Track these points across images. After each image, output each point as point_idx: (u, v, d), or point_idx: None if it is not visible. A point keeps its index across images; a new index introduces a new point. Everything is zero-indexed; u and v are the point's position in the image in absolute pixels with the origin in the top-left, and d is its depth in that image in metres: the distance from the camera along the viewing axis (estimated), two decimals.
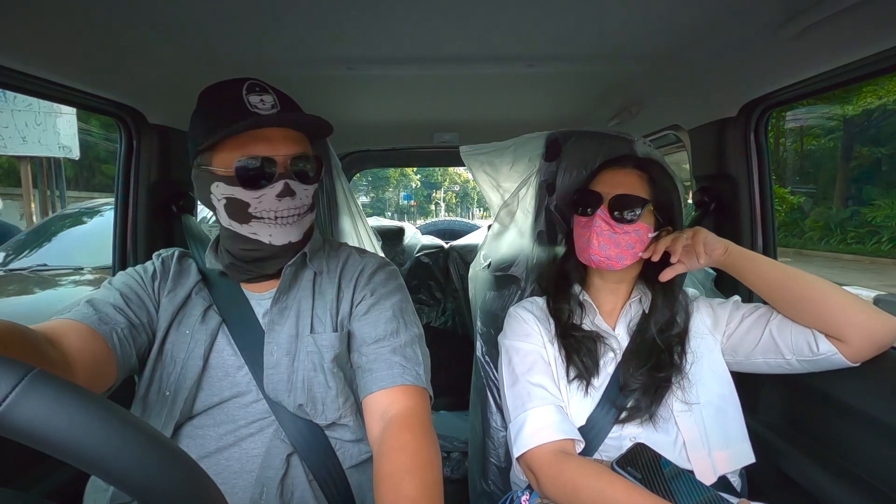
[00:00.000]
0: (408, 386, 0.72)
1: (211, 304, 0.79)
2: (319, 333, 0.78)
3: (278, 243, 0.74)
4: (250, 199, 0.71)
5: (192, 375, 0.74)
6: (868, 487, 0.80)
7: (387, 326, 0.77)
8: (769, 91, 1.04)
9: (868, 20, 0.74)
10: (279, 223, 0.73)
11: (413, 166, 17.79)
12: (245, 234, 0.74)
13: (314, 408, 0.75)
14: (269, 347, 0.76)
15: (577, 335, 0.89)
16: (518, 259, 1.13)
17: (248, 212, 0.72)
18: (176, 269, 0.83)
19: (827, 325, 0.78)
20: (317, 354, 0.76)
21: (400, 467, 0.63)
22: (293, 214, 0.74)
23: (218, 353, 0.77)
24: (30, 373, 0.30)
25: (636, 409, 0.83)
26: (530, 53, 1.04)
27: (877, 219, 10.18)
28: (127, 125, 1.12)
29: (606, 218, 0.85)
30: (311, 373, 0.75)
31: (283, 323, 0.78)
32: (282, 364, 0.75)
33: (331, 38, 0.95)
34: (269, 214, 0.72)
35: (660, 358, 0.85)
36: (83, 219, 3.36)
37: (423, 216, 38.95)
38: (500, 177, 1.16)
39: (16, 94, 4.80)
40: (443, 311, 2.36)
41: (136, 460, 0.31)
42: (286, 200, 0.72)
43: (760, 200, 1.16)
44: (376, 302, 0.79)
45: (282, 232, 0.73)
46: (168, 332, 0.77)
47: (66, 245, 3.05)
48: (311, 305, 0.79)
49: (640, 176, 0.88)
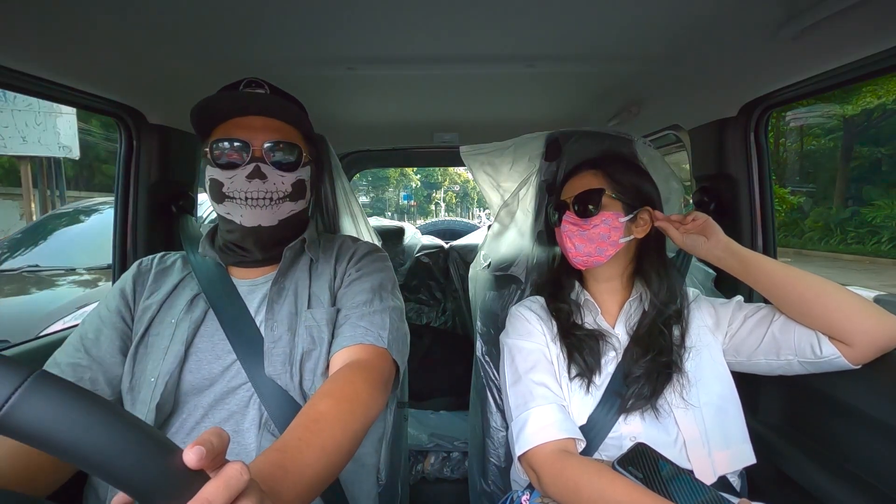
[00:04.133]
0: (367, 345, 0.75)
1: (199, 293, 0.82)
2: (316, 308, 0.81)
3: (248, 224, 0.78)
4: (224, 179, 0.76)
5: (176, 360, 0.75)
6: (868, 487, 0.80)
7: (362, 297, 0.81)
8: (769, 91, 1.04)
9: (868, 20, 0.74)
10: (249, 204, 0.77)
11: (413, 166, 17.81)
12: (222, 213, 0.79)
13: (312, 385, 0.77)
14: (269, 324, 0.78)
15: (579, 334, 0.89)
16: (518, 259, 1.13)
17: (222, 191, 0.77)
18: (158, 268, 0.87)
19: (832, 328, 0.77)
20: (315, 328, 0.79)
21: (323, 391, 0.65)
22: (264, 198, 0.77)
23: (207, 337, 0.78)
24: (32, 374, 0.30)
25: (639, 397, 0.83)
26: (530, 53, 1.04)
27: (877, 219, 10.18)
28: (127, 125, 1.12)
29: (573, 219, 0.89)
30: (309, 346, 0.77)
31: (282, 302, 0.81)
32: (283, 340, 0.77)
33: (331, 38, 0.95)
34: (240, 195, 0.76)
35: (660, 342, 0.86)
36: (79, 217, 3.33)
37: (423, 216, 38.93)
38: (500, 177, 1.16)
39: (16, 94, 4.80)
40: (443, 311, 2.37)
41: (137, 461, 0.31)
42: (256, 182, 0.76)
43: (760, 200, 1.15)
44: (358, 277, 0.85)
45: (252, 214, 0.77)
46: (151, 325, 0.79)
47: (61, 245, 3.02)
48: (308, 285, 0.83)
49: (595, 174, 0.92)
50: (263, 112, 0.79)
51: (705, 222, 0.89)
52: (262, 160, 0.76)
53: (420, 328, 2.32)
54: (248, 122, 0.77)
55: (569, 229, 0.90)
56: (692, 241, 0.89)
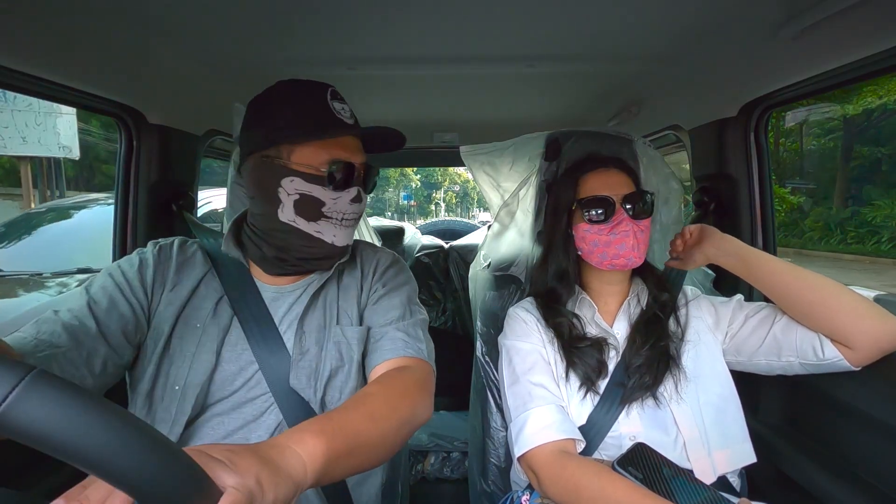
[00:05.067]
0: (410, 357, 0.75)
1: (222, 296, 0.78)
2: (346, 326, 0.80)
3: (340, 244, 0.77)
4: (327, 199, 0.74)
5: (205, 370, 0.72)
6: (868, 487, 0.80)
7: (395, 312, 0.81)
8: (769, 91, 1.04)
9: (868, 20, 0.74)
10: (344, 225, 0.77)
11: (413, 166, 17.80)
12: (309, 231, 0.75)
13: (339, 401, 0.76)
14: (298, 336, 0.77)
15: (581, 346, 0.88)
16: (518, 259, 1.13)
17: (321, 210, 0.74)
18: (179, 258, 0.80)
19: (834, 330, 0.77)
20: (345, 345, 0.78)
21: (372, 381, 0.69)
22: (354, 218, 0.79)
23: (231, 346, 0.76)
24: (30, 373, 0.30)
25: (641, 386, 0.83)
26: (530, 53, 1.04)
27: (877, 219, 10.18)
28: (127, 125, 1.12)
29: (629, 219, 0.87)
30: (337, 363, 0.77)
31: (313, 314, 0.80)
32: (311, 353, 0.76)
33: (331, 38, 0.95)
34: (339, 216, 0.76)
35: (658, 330, 0.87)
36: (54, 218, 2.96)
37: (423, 216, 38.92)
38: (500, 177, 1.16)
39: (16, 94, 4.80)
40: (443, 311, 2.36)
41: (136, 460, 0.31)
42: (355, 205, 0.77)
43: (760, 200, 1.15)
44: (387, 293, 0.83)
45: (344, 234, 0.77)
46: (175, 326, 0.75)
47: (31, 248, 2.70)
48: (336, 298, 0.82)
49: (623, 171, 0.91)
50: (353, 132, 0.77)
51: (700, 230, 0.90)
52: (360, 183, 0.77)
53: None
54: (346, 142, 0.75)
55: (628, 227, 0.86)
56: (690, 257, 0.91)
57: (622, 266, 0.88)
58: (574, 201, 0.91)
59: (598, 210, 0.88)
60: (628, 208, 0.87)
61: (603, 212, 0.87)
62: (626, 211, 0.86)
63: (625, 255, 0.86)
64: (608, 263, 0.88)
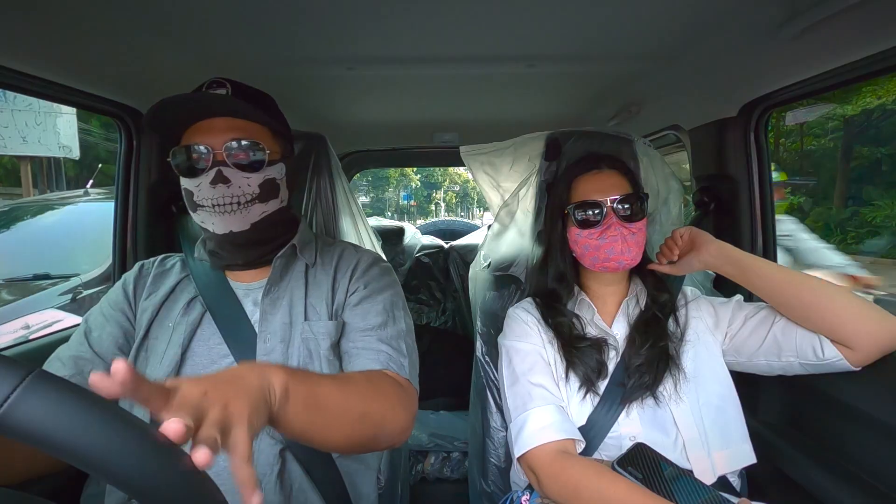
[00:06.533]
0: (393, 374, 0.74)
1: (196, 296, 0.81)
2: (314, 321, 0.79)
3: (220, 232, 0.75)
4: (192, 188, 0.73)
5: (171, 364, 0.74)
6: (868, 487, 0.80)
7: (376, 318, 0.79)
8: (769, 91, 1.04)
9: (868, 20, 0.74)
10: (217, 211, 0.73)
11: (413, 166, 17.79)
12: (198, 222, 0.77)
13: None
14: (262, 336, 0.77)
15: (581, 346, 0.88)
16: (518, 259, 1.13)
17: (194, 200, 0.74)
18: (157, 271, 0.86)
19: (832, 332, 0.77)
20: (313, 341, 0.77)
21: (356, 374, 0.69)
22: (231, 203, 0.73)
23: (203, 340, 0.78)
24: (31, 373, 0.30)
25: (641, 385, 0.83)
26: (530, 53, 1.04)
27: (877, 219, 10.18)
28: (127, 125, 1.12)
29: (618, 222, 0.86)
30: (306, 359, 0.76)
31: (276, 312, 0.79)
32: (276, 351, 0.76)
33: (331, 38, 0.95)
34: (208, 203, 0.73)
35: (657, 329, 0.87)
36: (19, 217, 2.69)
37: (423, 216, 38.90)
38: (500, 177, 1.16)
39: (16, 94, 4.80)
40: (443, 311, 2.36)
41: (137, 461, 0.31)
42: (220, 188, 0.71)
43: (760, 200, 1.15)
44: (369, 295, 0.81)
45: (221, 220, 0.74)
46: (150, 328, 0.79)
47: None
48: (304, 294, 0.81)
49: (615, 174, 0.90)
50: (223, 112, 0.73)
51: (690, 234, 0.90)
52: (224, 163, 0.71)
53: (420, 328, 2.32)
54: (210, 124, 0.72)
55: (618, 231, 0.85)
56: (686, 263, 0.90)
57: (613, 269, 0.88)
58: (566, 205, 0.92)
59: (587, 215, 0.88)
60: (619, 210, 0.86)
61: (592, 217, 0.87)
62: (616, 214, 0.86)
63: (615, 259, 0.86)
64: (600, 266, 0.89)
